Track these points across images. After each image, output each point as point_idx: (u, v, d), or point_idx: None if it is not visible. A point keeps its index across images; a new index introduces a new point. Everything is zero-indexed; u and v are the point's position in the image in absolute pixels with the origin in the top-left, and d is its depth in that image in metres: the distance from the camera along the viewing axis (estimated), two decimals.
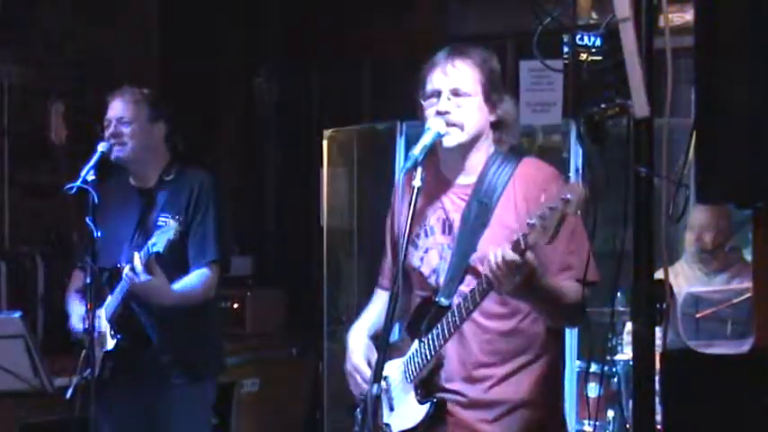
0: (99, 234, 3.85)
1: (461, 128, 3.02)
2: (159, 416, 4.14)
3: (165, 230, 3.84)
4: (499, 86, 3.09)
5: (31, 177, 6.14)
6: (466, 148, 3.06)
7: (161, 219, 4.04)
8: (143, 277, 3.87)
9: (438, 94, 3.02)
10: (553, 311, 2.96)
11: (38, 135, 5.84)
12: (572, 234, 2.92)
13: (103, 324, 4.07)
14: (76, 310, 4.16)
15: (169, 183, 4.19)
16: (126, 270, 3.91)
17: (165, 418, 4.15)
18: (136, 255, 3.87)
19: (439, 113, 3.01)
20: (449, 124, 3.01)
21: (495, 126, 3.09)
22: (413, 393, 3.07)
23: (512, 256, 2.68)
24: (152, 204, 4.15)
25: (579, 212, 2.68)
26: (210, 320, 4.37)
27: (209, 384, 4.30)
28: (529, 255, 2.70)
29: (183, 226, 3.93)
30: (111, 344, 4.04)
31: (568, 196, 2.59)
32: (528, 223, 2.67)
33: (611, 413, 4.95)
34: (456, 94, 3.02)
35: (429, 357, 3.01)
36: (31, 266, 5.41)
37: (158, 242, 3.84)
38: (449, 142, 3.02)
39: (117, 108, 4.15)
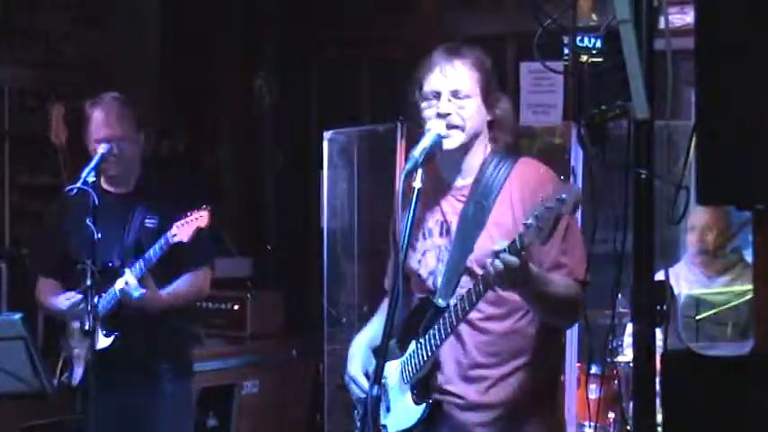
0: (99, 236, 3.84)
1: (462, 129, 3.01)
2: (147, 412, 4.16)
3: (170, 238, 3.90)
4: (495, 85, 3.09)
5: (31, 179, 6.14)
6: (464, 149, 3.06)
7: (148, 220, 4.09)
8: (137, 293, 3.94)
9: (437, 95, 3.01)
10: (544, 305, 2.91)
11: (38, 137, 5.84)
12: (566, 234, 2.91)
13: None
14: (62, 298, 4.14)
15: (151, 184, 4.19)
16: (119, 285, 3.94)
17: (154, 414, 4.16)
18: (128, 271, 3.93)
19: (440, 115, 3.00)
20: (450, 126, 3.00)
21: (492, 125, 3.09)
22: (409, 394, 3.07)
23: (510, 260, 2.68)
24: (136, 205, 4.14)
25: (575, 213, 2.68)
26: (195, 317, 4.45)
27: (192, 380, 4.37)
28: (524, 254, 2.70)
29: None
30: (104, 342, 4.04)
31: (564, 196, 2.59)
32: (524, 224, 2.67)
33: (611, 415, 4.95)
34: (456, 96, 3.01)
35: (426, 358, 3.01)
36: None
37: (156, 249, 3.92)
38: (450, 144, 3.01)
39: (111, 127, 4.06)
